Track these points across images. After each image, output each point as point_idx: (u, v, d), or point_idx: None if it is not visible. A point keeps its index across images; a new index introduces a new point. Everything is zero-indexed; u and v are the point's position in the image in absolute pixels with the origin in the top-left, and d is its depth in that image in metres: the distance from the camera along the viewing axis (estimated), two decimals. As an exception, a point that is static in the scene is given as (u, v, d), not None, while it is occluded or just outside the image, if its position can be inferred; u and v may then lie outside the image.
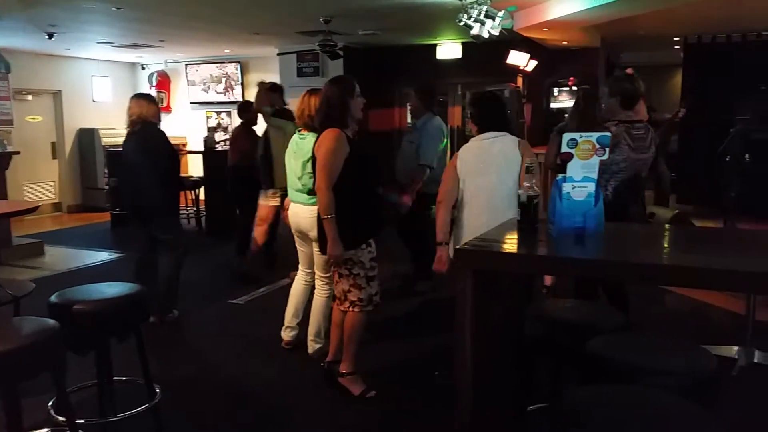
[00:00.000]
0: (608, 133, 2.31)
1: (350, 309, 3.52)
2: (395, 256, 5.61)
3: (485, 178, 3.42)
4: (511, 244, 2.25)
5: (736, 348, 3.85)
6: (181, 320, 4.95)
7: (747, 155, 5.88)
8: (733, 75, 7.57)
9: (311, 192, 3.77)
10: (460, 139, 10.27)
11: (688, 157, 8.33)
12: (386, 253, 4.13)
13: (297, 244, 4.15)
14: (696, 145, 7.87)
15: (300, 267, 4.21)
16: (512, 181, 3.34)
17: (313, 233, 3.69)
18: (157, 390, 3.16)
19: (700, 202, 7.83)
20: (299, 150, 3.92)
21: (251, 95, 11.07)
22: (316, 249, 3.87)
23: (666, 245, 2.40)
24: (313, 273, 4.07)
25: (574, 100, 4.91)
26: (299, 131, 4.02)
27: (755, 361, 3.78)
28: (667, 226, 3.71)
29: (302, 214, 3.89)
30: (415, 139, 5.37)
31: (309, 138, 3.82)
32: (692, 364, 2.11)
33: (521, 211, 2.32)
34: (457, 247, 2.08)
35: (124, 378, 3.30)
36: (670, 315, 4.77)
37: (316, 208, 3.57)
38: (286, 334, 4.26)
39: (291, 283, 4.33)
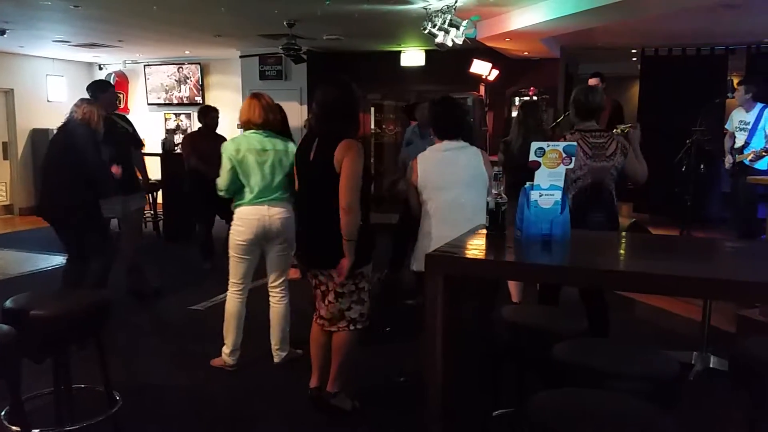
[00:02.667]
0: (574, 143, 2.35)
1: (348, 328, 3.29)
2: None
3: (452, 192, 3.34)
4: (480, 250, 2.27)
5: (693, 353, 3.96)
6: (142, 326, 4.85)
7: (702, 166, 6.07)
8: (688, 87, 7.80)
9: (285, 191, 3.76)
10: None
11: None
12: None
13: (239, 253, 3.84)
14: (652, 156, 8.03)
15: (233, 281, 3.93)
16: (478, 195, 3.31)
17: (287, 235, 3.64)
18: (117, 398, 3.08)
19: (656, 211, 8.05)
20: (272, 149, 3.75)
21: (211, 97, 10.98)
22: (277, 253, 3.84)
23: (627, 252, 2.46)
24: (248, 286, 3.94)
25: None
26: (254, 131, 3.80)
27: (711, 366, 3.88)
28: (623, 233, 3.79)
29: (276, 214, 3.75)
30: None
31: (279, 140, 3.79)
32: (654, 368, 2.17)
33: (489, 218, 2.35)
34: (428, 252, 2.08)
35: (82, 386, 3.21)
36: (631, 321, 4.87)
37: (290, 207, 3.54)
38: (233, 357, 3.98)
39: (263, 286, 4.22)
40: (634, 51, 9.32)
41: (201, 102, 10.77)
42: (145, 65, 11.53)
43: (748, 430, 2.41)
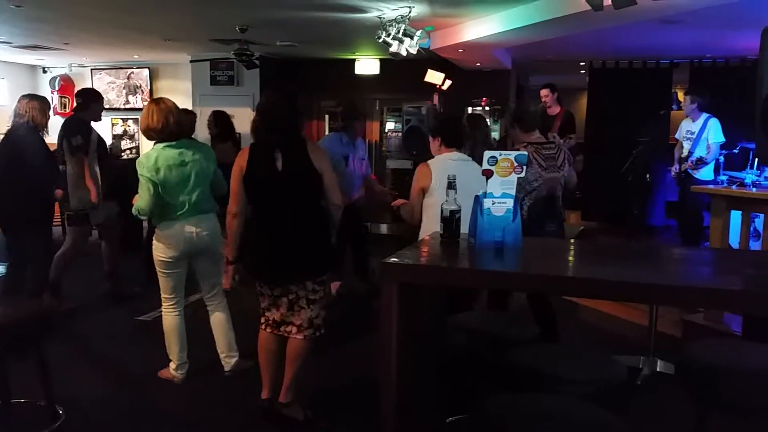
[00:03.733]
0: (525, 153, 2.40)
1: (314, 335, 3.28)
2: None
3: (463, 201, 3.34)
4: (434, 257, 2.28)
5: (640, 358, 4.06)
6: (87, 337, 4.69)
7: (648, 175, 6.26)
8: (634, 99, 8.06)
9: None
10: (377, 155, 10.36)
11: (593, 177, 8.79)
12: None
13: (166, 269, 3.72)
14: (600, 166, 8.30)
15: (165, 296, 3.82)
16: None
17: (216, 248, 3.66)
18: (60, 412, 2.97)
19: (604, 219, 8.27)
20: (191, 160, 3.62)
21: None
22: (208, 266, 3.81)
23: (576, 259, 2.51)
24: (181, 299, 3.86)
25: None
26: (166, 144, 3.60)
27: (658, 369, 3.99)
28: (574, 241, 3.89)
29: (206, 227, 3.69)
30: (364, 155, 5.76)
31: (194, 147, 3.68)
32: (603, 372, 2.21)
33: (444, 226, 2.37)
34: (384, 260, 2.08)
35: (23, 400, 3.08)
36: (581, 327, 4.97)
37: (215, 217, 3.56)
38: (181, 371, 3.89)
39: (200, 299, 4.15)
40: (582, 63, 9.59)
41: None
42: (92, 69, 11.24)
43: (695, 430, 2.48)
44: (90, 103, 5.24)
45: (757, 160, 5.00)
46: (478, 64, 9.08)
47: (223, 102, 8.62)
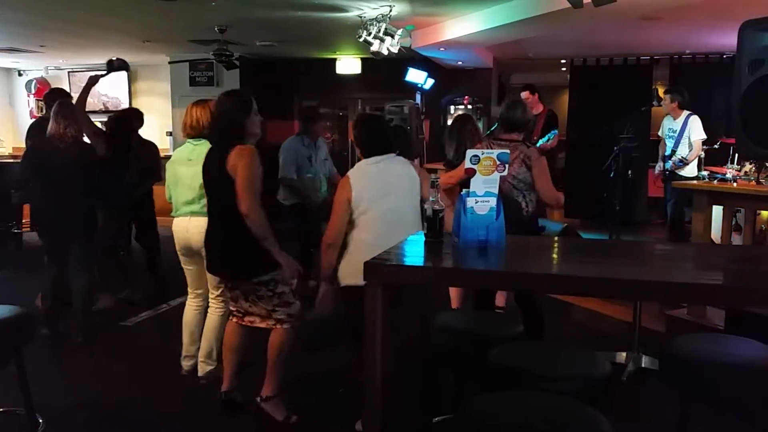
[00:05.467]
0: (507, 151, 2.39)
1: (277, 326, 3.31)
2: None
3: (391, 199, 3.23)
4: (418, 257, 2.27)
5: (625, 354, 4.08)
6: (67, 343, 4.60)
7: (629, 171, 6.29)
8: (615, 96, 8.10)
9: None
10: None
11: (575, 173, 8.83)
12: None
13: (183, 264, 3.89)
14: (582, 162, 8.34)
15: (189, 289, 3.96)
16: (416, 200, 3.31)
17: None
18: (40, 421, 2.92)
19: (586, 215, 8.31)
20: (197, 156, 3.64)
21: (140, 104, 10.65)
22: (201, 265, 3.72)
23: (560, 257, 2.51)
24: (205, 294, 3.89)
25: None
26: (188, 140, 3.85)
27: (642, 365, 4.01)
28: (556, 238, 3.89)
29: (195, 227, 3.69)
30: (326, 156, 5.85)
31: (204, 144, 3.64)
32: (587, 369, 2.21)
33: (427, 225, 2.36)
34: (367, 261, 2.06)
35: (2, 409, 3.02)
36: (565, 324, 4.99)
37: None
38: (186, 363, 3.98)
39: (185, 303, 4.12)
40: (563, 61, 9.63)
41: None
42: (69, 72, 11.09)
43: (679, 426, 2.49)
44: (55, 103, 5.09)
45: (737, 155, 5.04)
46: (460, 62, 9.10)
47: (204, 103, 8.54)
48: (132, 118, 5.77)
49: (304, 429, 3.37)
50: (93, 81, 5.13)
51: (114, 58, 5.27)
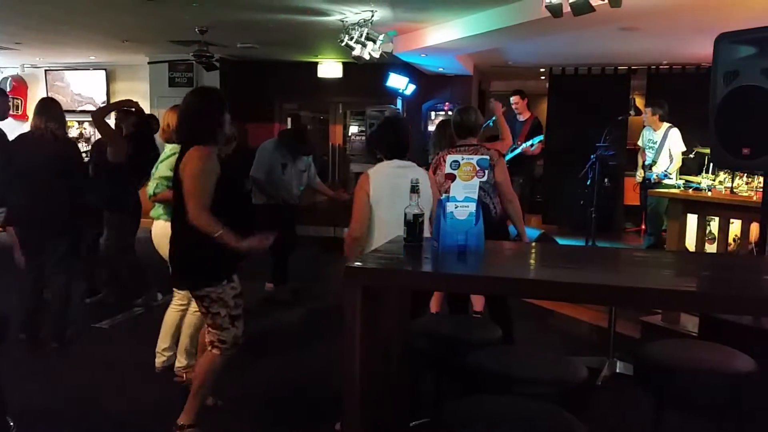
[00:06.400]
0: (486, 157, 2.41)
1: (210, 346, 3.10)
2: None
3: (399, 209, 3.23)
4: (398, 261, 2.27)
5: (600, 359, 4.12)
6: (42, 345, 4.52)
7: (606, 179, 6.39)
8: (593, 105, 8.20)
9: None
10: (340, 158, 10.34)
11: (553, 181, 8.92)
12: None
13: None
14: (560, 170, 8.43)
15: (174, 289, 3.96)
16: (427, 211, 3.31)
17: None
18: (11, 424, 2.87)
19: (563, 222, 8.39)
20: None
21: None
22: None
23: (537, 262, 2.54)
24: (182, 297, 3.88)
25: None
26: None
27: (617, 370, 4.06)
28: (533, 244, 3.93)
29: (156, 229, 3.80)
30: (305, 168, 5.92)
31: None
32: (564, 374, 2.23)
33: (407, 229, 2.36)
34: (347, 264, 2.06)
35: (-30, 412, 2.95)
36: (543, 329, 5.03)
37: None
38: (159, 360, 4.03)
39: (161, 305, 4.12)
40: (542, 70, 9.73)
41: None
42: (46, 70, 10.93)
43: (652, 429, 2.52)
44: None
45: (712, 164, 5.13)
46: (441, 69, 9.14)
47: (183, 104, 8.50)
48: (151, 121, 5.82)
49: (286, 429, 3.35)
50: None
51: None
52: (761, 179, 3.87)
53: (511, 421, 1.86)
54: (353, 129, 10.22)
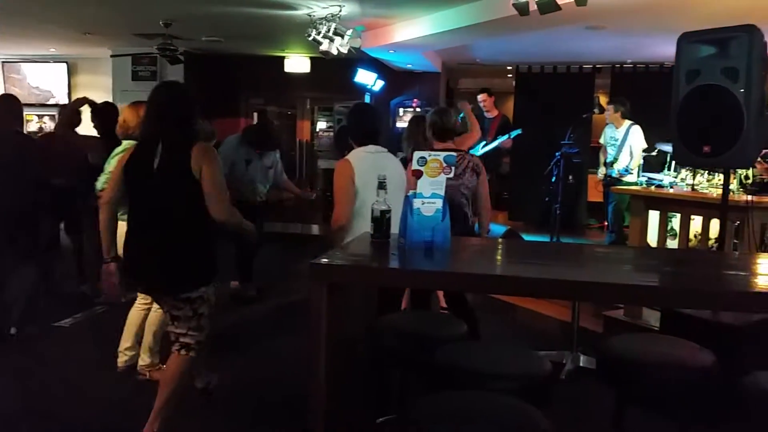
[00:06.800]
0: (454, 154, 2.41)
1: (180, 352, 2.96)
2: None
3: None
4: (364, 257, 2.26)
5: (564, 353, 4.18)
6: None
7: (570, 177, 6.48)
8: (558, 103, 8.29)
9: None
10: (308, 154, 10.27)
11: (519, 178, 9.00)
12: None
13: None
14: (526, 167, 8.51)
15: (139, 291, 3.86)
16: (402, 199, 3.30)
17: None
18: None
19: (529, 219, 8.47)
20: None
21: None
22: None
23: (503, 258, 2.56)
24: (144, 297, 3.83)
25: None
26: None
27: (581, 364, 4.11)
28: (499, 240, 3.97)
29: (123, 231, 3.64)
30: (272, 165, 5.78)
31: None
32: (527, 368, 2.25)
33: (374, 225, 2.36)
34: (312, 261, 2.04)
35: None
36: (508, 324, 5.08)
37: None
38: (121, 359, 3.94)
39: (122, 304, 4.05)
40: (509, 68, 9.81)
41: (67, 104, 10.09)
42: (3, 62, 10.63)
43: (614, 422, 2.56)
44: None
45: (674, 162, 5.23)
46: (409, 65, 9.15)
47: (146, 98, 8.33)
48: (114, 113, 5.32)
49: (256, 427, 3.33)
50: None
51: None
52: (722, 176, 3.95)
53: (475, 415, 1.87)
54: (321, 125, 10.17)
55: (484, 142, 6.95)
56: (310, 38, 6.40)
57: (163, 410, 2.97)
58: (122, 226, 3.68)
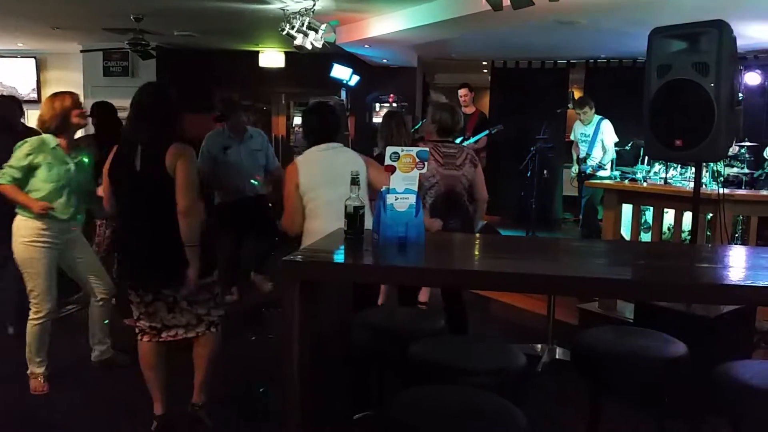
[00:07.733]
0: (426, 149, 2.39)
1: (209, 330, 3.18)
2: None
3: (336, 190, 3.12)
4: (337, 254, 2.24)
5: (540, 346, 4.20)
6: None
7: (545, 171, 6.52)
8: (533, 98, 8.33)
9: None
10: (285, 149, 10.21)
11: (495, 173, 9.02)
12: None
13: None
14: (501, 162, 8.55)
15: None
16: (362, 191, 3.27)
17: None
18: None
19: (505, 213, 8.51)
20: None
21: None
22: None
23: (478, 253, 2.55)
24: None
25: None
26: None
27: (557, 357, 4.14)
28: (476, 235, 3.98)
29: None
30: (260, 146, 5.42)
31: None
32: (503, 362, 2.25)
33: (347, 222, 2.33)
34: (284, 258, 2.01)
35: None
36: (485, 318, 5.08)
37: None
38: (94, 354, 4.00)
39: (82, 308, 4.04)
40: (485, 63, 9.83)
41: (37, 100, 9.89)
42: (-31, 56, 10.40)
43: (590, 413, 2.58)
44: None
45: (647, 156, 5.28)
46: (385, 60, 9.13)
47: (118, 94, 8.14)
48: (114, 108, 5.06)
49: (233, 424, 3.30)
50: None
51: None
52: (694, 170, 4.00)
53: (452, 410, 1.87)
54: (297, 120, 10.11)
55: (461, 138, 6.94)
56: (284, 33, 6.34)
57: (205, 383, 3.25)
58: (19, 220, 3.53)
